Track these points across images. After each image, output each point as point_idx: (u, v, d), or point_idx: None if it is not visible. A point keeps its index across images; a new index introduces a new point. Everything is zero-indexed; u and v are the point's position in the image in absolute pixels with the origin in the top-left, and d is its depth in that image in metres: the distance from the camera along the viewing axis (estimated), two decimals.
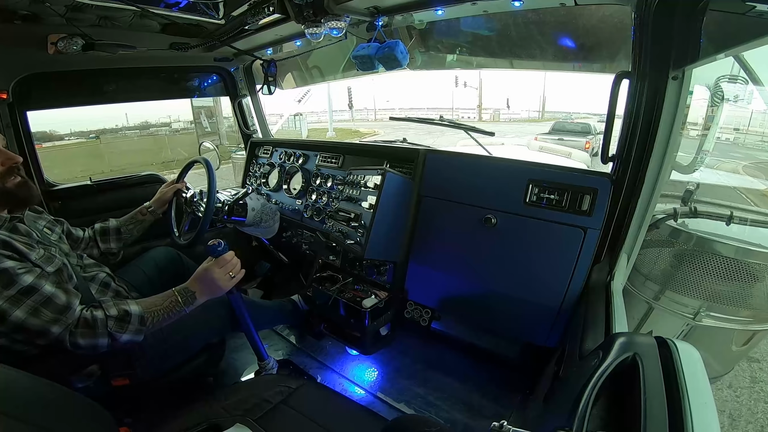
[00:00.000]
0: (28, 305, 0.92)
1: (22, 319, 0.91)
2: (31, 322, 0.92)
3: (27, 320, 0.91)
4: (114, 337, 1.01)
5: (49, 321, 0.94)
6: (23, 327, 0.92)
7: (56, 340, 0.96)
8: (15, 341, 1.00)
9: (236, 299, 1.40)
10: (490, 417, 1.50)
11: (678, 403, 0.51)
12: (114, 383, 1.17)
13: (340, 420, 1.00)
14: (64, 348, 0.97)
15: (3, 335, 0.97)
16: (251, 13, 1.36)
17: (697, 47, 0.95)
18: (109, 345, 1.01)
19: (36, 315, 0.92)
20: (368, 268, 1.69)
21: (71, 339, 0.97)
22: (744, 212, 1.70)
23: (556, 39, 1.57)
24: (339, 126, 24.17)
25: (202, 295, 1.17)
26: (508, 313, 1.50)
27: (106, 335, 1.00)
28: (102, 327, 1.00)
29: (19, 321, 0.91)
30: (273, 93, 2.21)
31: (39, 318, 0.93)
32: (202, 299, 1.18)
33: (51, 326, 0.94)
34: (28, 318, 0.91)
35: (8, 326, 0.91)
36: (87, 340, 0.98)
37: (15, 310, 0.90)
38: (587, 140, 10.42)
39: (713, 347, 1.74)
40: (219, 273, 1.20)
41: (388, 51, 1.35)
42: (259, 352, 1.50)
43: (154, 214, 1.63)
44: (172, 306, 1.12)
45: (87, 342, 0.98)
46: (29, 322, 0.92)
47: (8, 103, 1.70)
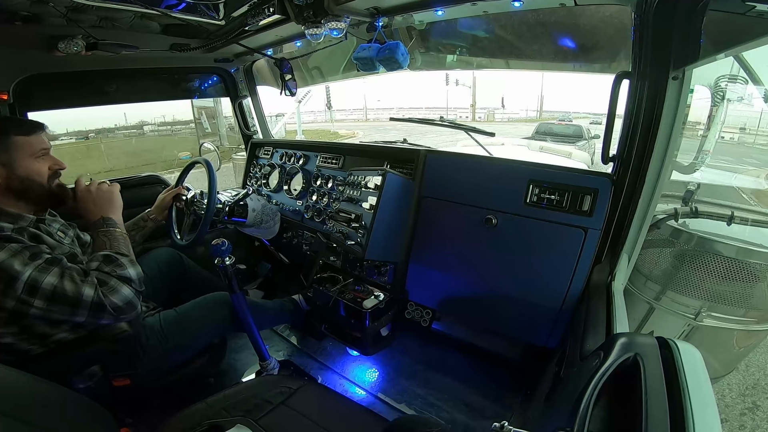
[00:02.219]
0: (56, 272, 0.94)
1: (53, 284, 0.92)
2: (64, 287, 0.93)
3: (59, 285, 0.92)
4: (125, 278, 1.04)
5: (80, 283, 0.95)
6: (56, 295, 0.92)
7: (95, 305, 0.96)
8: (23, 339, 1.01)
9: (238, 299, 1.40)
10: (491, 417, 1.50)
11: (679, 403, 0.51)
12: (115, 383, 1.17)
13: (340, 420, 1.00)
14: (105, 318, 0.99)
15: (13, 332, 0.99)
16: (251, 13, 1.36)
17: (697, 47, 0.95)
18: (135, 293, 1.04)
19: (66, 278, 0.94)
20: (369, 269, 1.69)
21: (108, 301, 0.98)
22: (745, 212, 1.70)
23: (556, 39, 1.57)
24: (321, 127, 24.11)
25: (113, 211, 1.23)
26: (508, 313, 1.50)
27: (121, 282, 1.02)
28: (108, 277, 1.02)
29: (51, 287, 0.92)
30: (295, 94, 2.07)
31: (69, 281, 0.94)
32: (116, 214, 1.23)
33: (83, 288, 0.95)
34: (59, 283, 0.93)
35: (43, 296, 0.91)
36: (116, 296, 1.00)
37: (45, 277, 0.92)
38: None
39: (714, 347, 1.74)
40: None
41: (389, 53, 1.36)
42: (261, 353, 1.50)
43: (155, 221, 1.64)
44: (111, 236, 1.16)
45: (118, 298, 1.00)
46: (62, 287, 0.93)
47: (9, 104, 1.70)
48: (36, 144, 1.09)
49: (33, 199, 1.10)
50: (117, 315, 1.00)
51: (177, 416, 0.97)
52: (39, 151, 1.10)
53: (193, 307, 1.40)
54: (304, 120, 12.18)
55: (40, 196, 1.10)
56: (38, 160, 1.10)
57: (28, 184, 1.07)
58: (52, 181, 1.13)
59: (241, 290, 1.42)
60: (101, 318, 0.99)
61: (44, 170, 1.10)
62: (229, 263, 1.32)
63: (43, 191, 1.10)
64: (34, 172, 1.08)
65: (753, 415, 2.06)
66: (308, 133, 16.43)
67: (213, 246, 1.23)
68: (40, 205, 1.13)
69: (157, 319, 1.31)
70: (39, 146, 1.10)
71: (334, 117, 25.33)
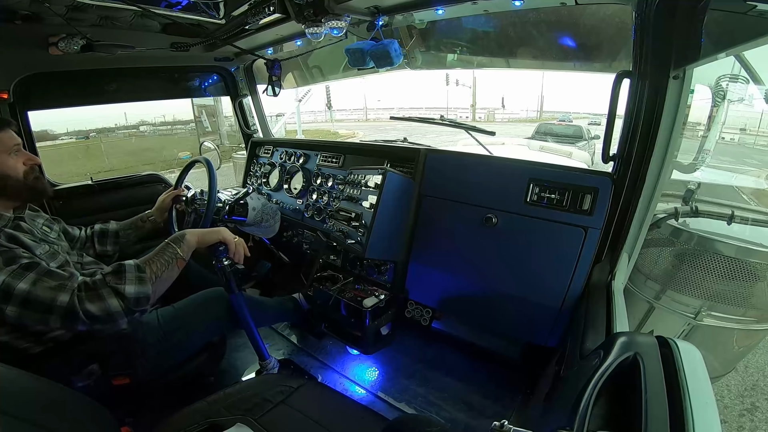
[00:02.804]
0: (31, 277, 0.92)
1: (26, 290, 0.90)
2: (36, 293, 0.91)
3: (32, 291, 0.91)
4: (119, 292, 0.98)
5: (54, 288, 0.93)
6: (29, 301, 0.91)
7: (68, 312, 0.92)
8: (19, 337, 1.01)
9: (237, 298, 1.40)
10: (491, 417, 1.50)
11: (679, 402, 0.51)
12: (114, 382, 1.17)
13: (341, 419, 1.00)
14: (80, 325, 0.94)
15: (8, 331, 0.98)
16: (252, 12, 1.36)
17: (698, 47, 0.94)
18: (124, 308, 0.98)
19: (39, 284, 0.92)
20: (369, 268, 1.69)
21: (82, 308, 0.93)
22: (745, 212, 1.70)
23: (556, 39, 1.57)
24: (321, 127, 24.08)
25: (192, 236, 1.20)
26: (509, 312, 1.50)
27: (111, 292, 0.97)
28: (102, 285, 0.98)
29: (24, 293, 0.90)
30: (278, 95, 2.16)
31: (43, 287, 0.92)
32: (193, 239, 1.20)
33: (57, 294, 0.92)
34: (32, 289, 0.91)
35: (15, 302, 0.90)
36: (96, 304, 0.95)
37: (18, 283, 0.90)
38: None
39: (714, 347, 1.74)
40: (226, 229, 1.27)
41: (381, 48, 1.36)
42: (261, 352, 1.50)
43: (155, 223, 1.64)
44: (163, 250, 1.13)
45: (98, 306, 0.95)
46: (35, 293, 0.91)
47: (9, 103, 1.70)
48: (7, 140, 1.10)
49: (10, 195, 1.10)
50: (90, 323, 0.95)
51: (177, 415, 0.97)
52: (12, 147, 1.11)
53: (190, 304, 1.40)
54: (304, 120, 12.17)
55: (17, 192, 1.11)
56: (11, 156, 1.10)
57: (5, 180, 1.08)
58: (29, 176, 1.13)
59: (240, 290, 1.42)
60: (74, 325, 0.94)
61: (19, 166, 1.11)
62: (227, 264, 1.32)
63: (20, 186, 1.11)
64: (9, 167, 1.09)
65: (752, 416, 2.06)
66: (308, 133, 16.42)
67: (210, 247, 1.23)
68: (18, 200, 1.14)
69: (155, 316, 1.31)
70: (11, 142, 1.11)
71: (334, 117, 25.31)
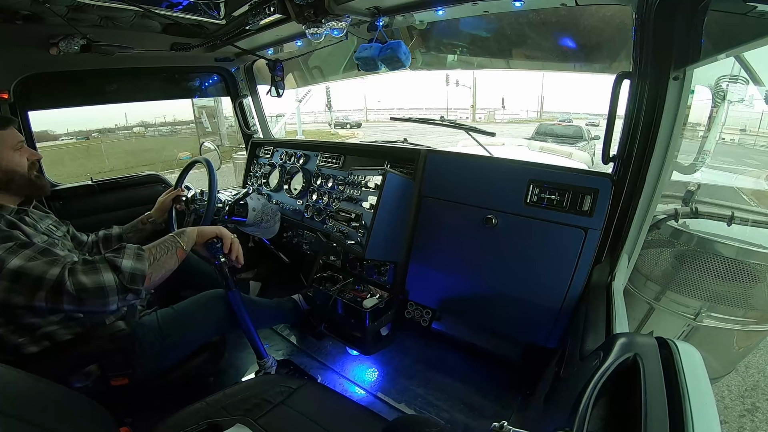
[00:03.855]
0: (26, 254, 0.92)
1: (18, 265, 0.90)
2: (28, 267, 0.90)
3: (23, 266, 0.90)
4: (115, 265, 0.96)
5: (47, 263, 0.92)
6: (20, 275, 0.89)
7: (56, 286, 0.90)
8: (12, 330, 1.01)
9: (235, 296, 1.40)
10: (491, 417, 1.50)
11: (678, 403, 0.51)
12: (113, 383, 1.17)
13: (340, 420, 1.00)
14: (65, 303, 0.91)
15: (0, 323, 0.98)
16: (252, 13, 1.36)
17: (698, 47, 0.95)
18: (118, 284, 0.95)
19: (32, 260, 0.92)
20: (369, 269, 1.69)
21: (73, 278, 0.91)
22: (745, 213, 1.69)
23: (557, 39, 1.57)
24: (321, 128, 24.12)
25: (194, 230, 1.23)
26: (508, 313, 1.50)
27: (108, 267, 0.96)
28: (101, 260, 0.97)
29: (16, 267, 0.89)
30: (282, 95, 2.14)
31: (35, 262, 0.91)
32: (193, 233, 1.22)
33: (49, 268, 0.91)
34: (24, 264, 0.90)
35: (6, 276, 0.89)
36: (91, 276, 0.93)
37: (12, 259, 0.90)
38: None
39: (714, 348, 1.73)
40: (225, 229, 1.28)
41: (390, 52, 1.36)
42: (258, 351, 1.50)
43: (155, 224, 1.64)
44: (164, 240, 1.15)
45: (92, 279, 0.93)
46: (26, 267, 0.90)
47: (9, 103, 1.70)
48: (13, 137, 1.13)
49: (15, 190, 1.13)
50: (78, 297, 0.91)
51: (176, 415, 0.97)
52: (17, 144, 1.14)
53: (190, 305, 1.40)
54: (304, 120, 12.17)
55: (21, 187, 1.14)
56: (17, 152, 1.13)
57: (11, 175, 1.11)
58: (31, 171, 1.17)
59: (237, 288, 1.42)
60: (60, 301, 0.91)
61: (23, 161, 1.14)
62: (224, 260, 1.32)
63: (25, 181, 1.14)
64: (15, 163, 1.12)
65: (752, 417, 2.06)
66: (308, 133, 16.44)
67: (207, 244, 1.23)
68: (21, 194, 1.16)
69: (155, 317, 1.31)
70: (16, 139, 1.14)
71: (334, 117, 25.33)
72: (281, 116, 6.12)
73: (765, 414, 2.08)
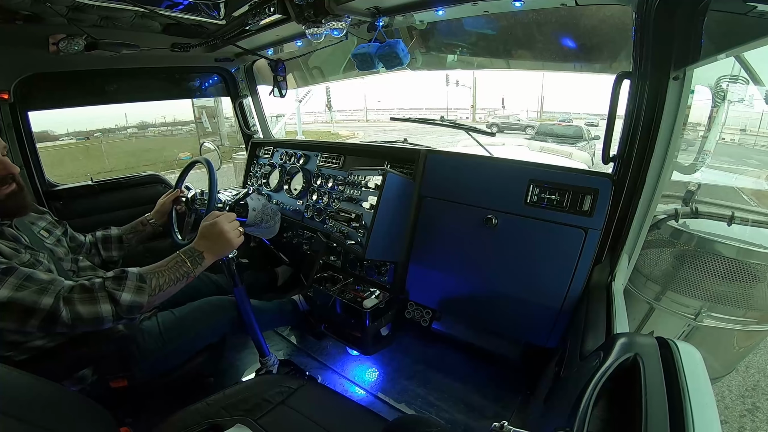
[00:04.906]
0: (11, 282, 0.86)
1: (7, 296, 0.84)
2: (17, 297, 0.85)
3: (13, 296, 0.85)
4: (114, 298, 0.92)
5: (36, 291, 0.87)
6: (10, 305, 0.85)
7: (50, 316, 0.86)
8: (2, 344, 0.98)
9: (240, 292, 1.40)
10: (491, 417, 1.50)
11: (679, 403, 0.51)
12: (112, 385, 1.17)
13: (340, 420, 1.00)
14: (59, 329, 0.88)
15: None
16: (252, 13, 1.36)
17: (698, 47, 0.95)
18: (114, 314, 0.92)
19: (21, 289, 0.86)
20: (369, 269, 1.69)
21: (70, 308, 0.88)
22: (745, 213, 1.69)
23: (557, 39, 1.57)
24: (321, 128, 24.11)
25: (210, 254, 1.11)
26: (509, 313, 1.50)
27: (106, 297, 0.92)
28: (100, 289, 0.93)
29: (4, 298, 0.84)
30: (284, 96, 2.12)
31: (24, 291, 0.86)
32: (210, 259, 1.11)
33: (40, 297, 0.86)
34: (13, 294, 0.85)
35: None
36: (87, 306, 0.90)
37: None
38: None
39: (714, 348, 1.73)
40: (228, 227, 1.14)
41: (388, 49, 1.35)
42: (261, 349, 1.49)
43: (154, 226, 1.62)
44: (177, 267, 1.05)
45: (88, 309, 0.90)
46: (15, 297, 0.85)
47: (10, 104, 1.70)
48: None
49: None
50: (73, 326, 0.89)
51: (177, 416, 0.97)
52: None
53: (191, 310, 1.40)
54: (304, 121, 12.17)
55: None
56: None
57: None
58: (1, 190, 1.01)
59: (243, 285, 1.42)
60: (53, 328, 0.89)
61: None
62: (231, 257, 1.32)
63: None
64: None
65: (753, 417, 2.05)
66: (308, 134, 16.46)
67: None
68: None
69: (155, 322, 1.30)
70: None
71: (334, 118, 25.30)
72: (281, 116, 6.12)
73: (765, 414, 2.07)
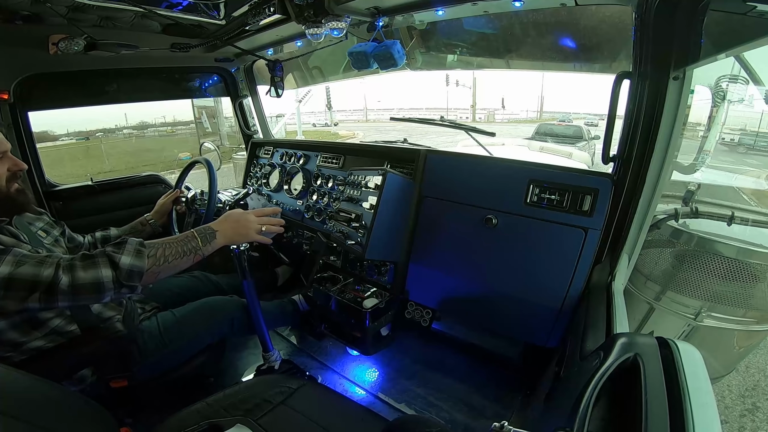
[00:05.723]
0: (9, 260, 0.86)
1: (7, 272, 0.84)
2: (18, 272, 0.85)
3: (13, 272, 0.85)
4: (114, 261, 0.92)
5: (35, 264, 0.87)
6: (12, 281, 0.85)
7: (51, 287, 0.86)
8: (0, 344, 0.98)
9: (249, 286, 1.39)
10: (491, 417, 1.50)
11: (679, 403, 0.51)
12: (112, 385, 1.17)
13: (340, 420, 1.00)
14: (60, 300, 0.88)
15: None
16: (252, 13, 1.36)
17: (698, 47, 0.95)
18: (114, 279, 0.91)
19: (20, 265, 0.86)
20: (369, 269, 1.69)
21: (71, 275, 0.88)
22: (745, 213, 1.69)
23: (556, 39, 1.57)
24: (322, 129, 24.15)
25: (222, 237, 1.10)
26: (509, 313, 1.50)
27: (107, 262, 0.92)
28: (100, 255, 0.93)
29: (5, 274, 0.84)
30: (281, 96, 2.13)
31: (23, 267, 0.86)
32: (222, 241, 1.10)
33: (40, 269, 0.86)
34: (13, 270, 0.85)
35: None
36: (88, 271, 0.90)
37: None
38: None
39: (714, 348, 1.74)
40: (251, 218, 1.13)
41: (384, 49, 1.35)
42: (265, 344, 1.49)
43: (154, 226, 1.63)
44: (186, 241, 1.03)
45: (88, 274, 0.89)
46: (16, 272, 0.85)
47: (9, 104, 1.70)
48: None
49: None
50: (73, 293, 0.88)
51: (176, 416, 0.97)
52: None
53: (191, 311, 1.40)
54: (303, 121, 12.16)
55: None
56: None
57: None
58: (10, 184, 1.05)
59: (252, 278, 1.43)
60: (54, 300, 0.88)
61: (2, 172, 1.03)
62: (243, 249, 1.31)
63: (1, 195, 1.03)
64: None
65: (753, 417, 2.06)
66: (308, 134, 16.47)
67: None
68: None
69: (155, 322, 1.30)
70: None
71: (334, 118, 25.27)
72: (281, 116, 6.13)
73: (765, 414, 2.07)
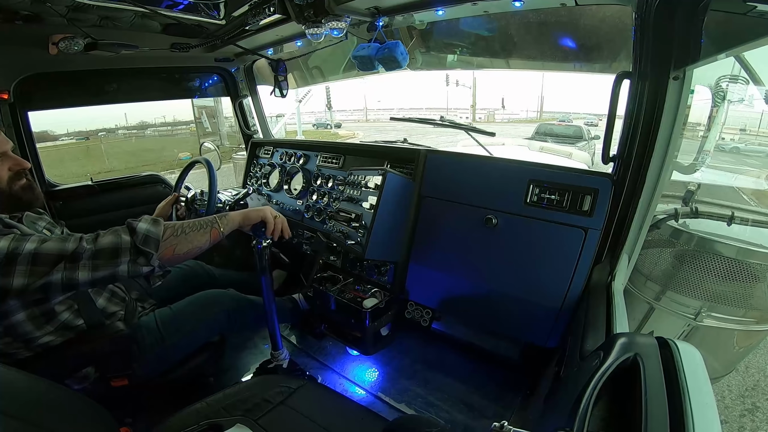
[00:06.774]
0: (34, 239, 0.88)
1: (33, 247, 0.86)
2: (44, 248, 0.87)
3: (39, 248, 0.86)
4: (132, 227, 0.95)
5: (60, 240, 0.89)
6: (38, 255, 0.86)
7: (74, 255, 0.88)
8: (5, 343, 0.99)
9: (266, 282, 1.38)
10: (491, 417, 1.50)
11: (679, 403, 0.51)
12: (113, 383, 1.17)
13: (340, 420, 1.00)
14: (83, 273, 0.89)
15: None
16: (252, 13, 1.36)
17: (698, 47, 0.95)
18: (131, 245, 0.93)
19: (45, 242, 0.88)
20: (369, 269, 1.69)
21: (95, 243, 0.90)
22: (745, 212, 1.69)
23: (556, 39, 1.57)
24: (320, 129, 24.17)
25: (239, 215, 1.19)
26: (509, 313, 1.50)
27: (126, 230, 0.95)
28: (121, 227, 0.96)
29: (32, 249, 0.85)
30: (285, 96, 2.12)
31: (48, 243, 0.88)
32: (238, 219, 1.18)
33: (65, 244, 0.88)
34: (39, 246, 0.87)
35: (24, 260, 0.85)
36: (109, 237, 0.92)
37: (25, 244, 0.86)
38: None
39: (714, 348, 1.74)
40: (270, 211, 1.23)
41: (387, 52, 1.36)
42: (275, 341, 1.47)
43: None
44: (204, 220, 1.09)
45: (110, 240, 0.92)
46: (42, 248, 0.87)
47: (9, 104, 1.70)
48: None
49: None
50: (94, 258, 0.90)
51: (176, 416, 0.97)
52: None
53: (187, 305, 1.40)
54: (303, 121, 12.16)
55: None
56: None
57: None
58: (14, 182, 1.07)
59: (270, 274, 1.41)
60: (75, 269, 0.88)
61: (2, 173, 1.05)
62: (265, 244, 1.32)
63: (3, 196, 1.05)
64: None
65: (753, 417, 2.06)
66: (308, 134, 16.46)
67: (254, 226, 1.23)
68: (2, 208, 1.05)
69: (153, 318, 1.31)
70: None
71: (333, 118, 25.26)
72: (281, 116, 6.13)
73: (765, 414, 2.08)
